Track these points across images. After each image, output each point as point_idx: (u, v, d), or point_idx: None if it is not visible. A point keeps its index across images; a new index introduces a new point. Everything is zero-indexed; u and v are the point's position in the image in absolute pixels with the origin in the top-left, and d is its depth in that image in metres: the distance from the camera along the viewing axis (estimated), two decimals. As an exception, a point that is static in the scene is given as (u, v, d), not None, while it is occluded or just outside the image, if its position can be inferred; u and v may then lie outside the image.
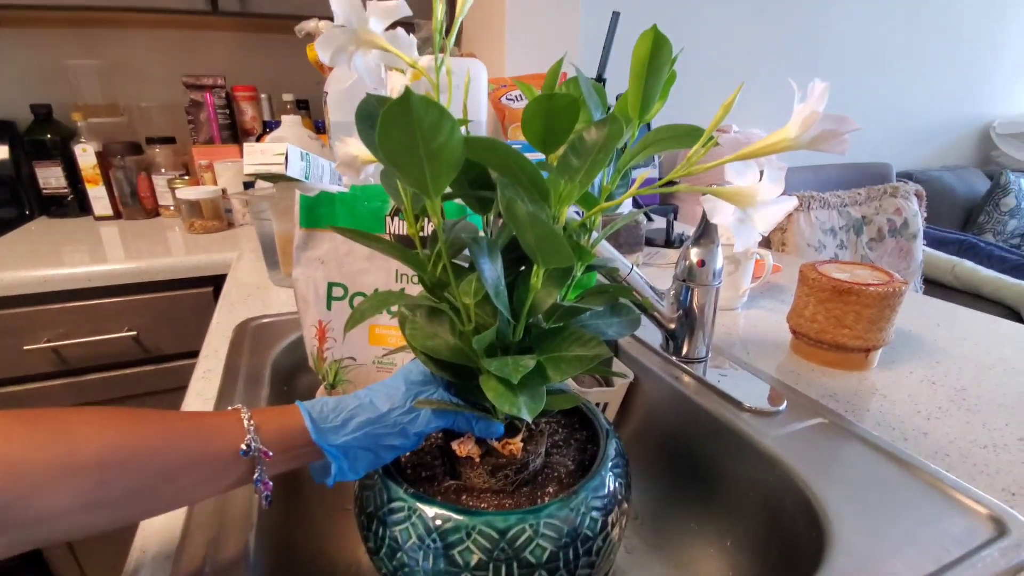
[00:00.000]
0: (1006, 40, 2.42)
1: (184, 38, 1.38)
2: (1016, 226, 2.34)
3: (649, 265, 0.94)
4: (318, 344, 0.51)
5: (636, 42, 0.25)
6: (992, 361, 0.58)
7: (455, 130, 0.21)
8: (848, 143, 0.22)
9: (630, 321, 0.32)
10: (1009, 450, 0.43)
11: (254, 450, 0.28)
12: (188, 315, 1.02)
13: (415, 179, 0.23)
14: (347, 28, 0.25)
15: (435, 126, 0.21)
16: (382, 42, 0.26)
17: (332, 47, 0.25)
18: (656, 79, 0.26)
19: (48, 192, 1.26)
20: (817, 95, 0.22)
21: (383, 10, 0.25)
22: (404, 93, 0.19)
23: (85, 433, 0.25)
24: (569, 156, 0.25)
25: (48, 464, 0.23)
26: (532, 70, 1.17)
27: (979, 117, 2.57)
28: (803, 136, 0.22)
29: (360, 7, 0.25)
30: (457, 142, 0.21)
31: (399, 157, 0.22)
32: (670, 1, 1.76)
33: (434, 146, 0.21)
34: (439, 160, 0.22)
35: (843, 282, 0.54)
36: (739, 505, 0.46)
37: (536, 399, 0.26)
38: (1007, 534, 0.34)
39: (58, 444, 0.23)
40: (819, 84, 0.22)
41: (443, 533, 0.29)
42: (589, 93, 0.28)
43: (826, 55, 2.08)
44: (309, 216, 0.50)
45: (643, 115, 0.27)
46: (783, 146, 0.23)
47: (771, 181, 0.24)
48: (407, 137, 0.21)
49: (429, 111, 0.20)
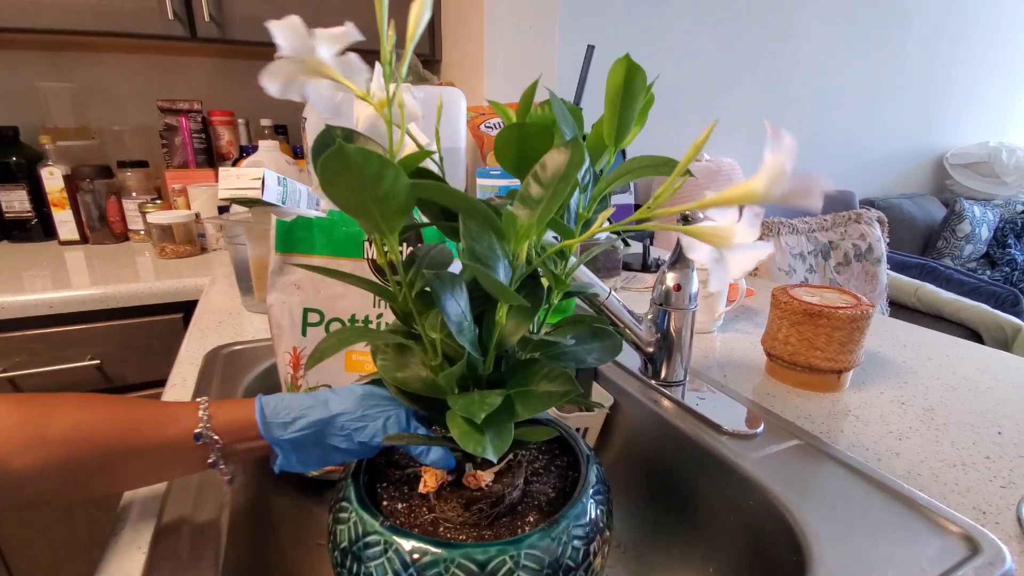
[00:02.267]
0: (956, 77, 2.58)
1: (161, 63, 1.37)
2: (972, 251, 2.46)
3: (626, 289, 0.95)
4: (292, 371, 0.50)
5: (609, 70, 0.26)
6: (956, 381, 0.60)
7: (399, 177, 0.20)
8: (820, 199, 0.20)
9: (612, 346, 0.32)
10: (977, 468, 0.44)
11: (205, 436, 0.32)
12: (156, 343, 0.98)
13: (368, 221, 0.22)
14: (294, 58, 0.23)
15: (377, 176, 0.20)
16: (331, 72, 0.24)
17: (280, 80, 0.24)
18: (630, 107, 0.26)
19: (11, 216, 1.22)
20: (785, 150, 0.21)
21: (331, 37, 0.24)
22: (336, 146, 0.18)
23: (59, 412, 0.30)
24: (531, 184, 0.24)
25: (23, 435, 0.28)
26: (510, 99, 1.20)
27: (934, 148, 2.72)
28: (772, 191, 0.21)
29: (305, 35, 0.23)
30: (403, 188, 0.21)
31: (347, 203, 0.21)
32: (642, 33, 1.83)
33: (380, 193, 0.20)
34: (387, 205, 0.21)
35: (813, 305, 0.55)
36: (721, 530, 0.45)
37: (503, 437, 0.25)
38: (980, 553, 0.35)
39: (33, 419, 0.29)
40: (787, 138, 0.21)
41: (421, 568, 0.28)
42: (563, 116, 0.28)
43: (791, 87, 2.19)
44: (285, 241, 0.49)
45: (619, 141, 0.28)
46: (750, 199, 0.22)
47: (748, 224, 0.23)
48: (351, 185, 0.20)
49: (369, 162, 0.19)
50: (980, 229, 2.42)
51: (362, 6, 1.23)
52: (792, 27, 2.08)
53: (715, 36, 1.95)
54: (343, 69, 0.25)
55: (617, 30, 1.79)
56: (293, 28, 0.23)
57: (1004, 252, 2.46)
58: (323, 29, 0.23)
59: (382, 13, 0.23)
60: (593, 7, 1.73)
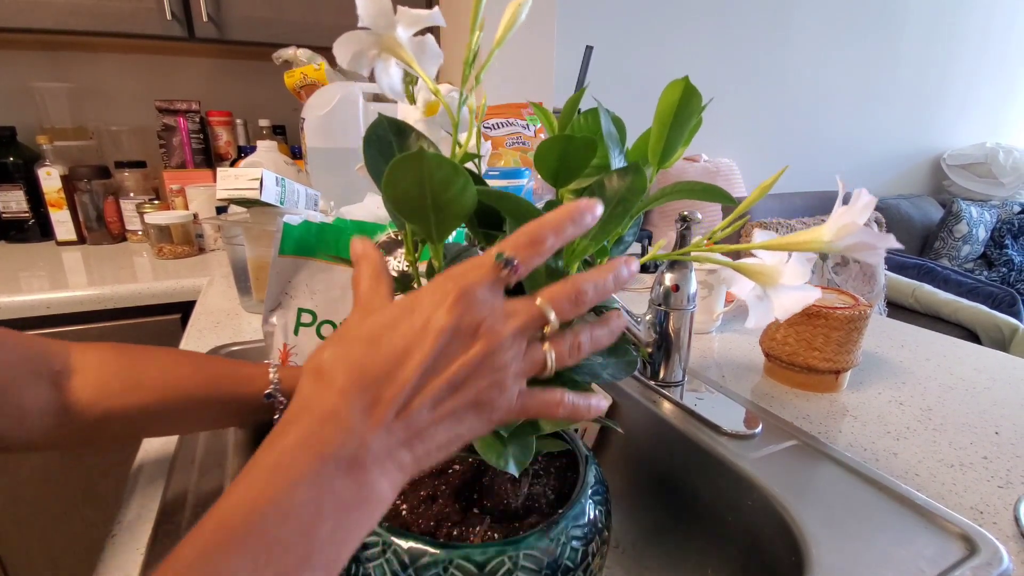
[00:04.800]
0: (952, 78, 2.59)
1: (158, 63, 1.37)
2: (969, 251, 2.46)
3: (625, 290, 0.95)
4: None
5: (664, 89, 0.24)
6: (953, 381, 0.60)
7: (467, 186, 0.20)
8: (883, 255, 0.21)
9: (627, 363, 0.31)
10: (975, 468, 0.44)
11: (273, 396, 0.38)
12: (153, 343, 0.97)
13: (420, 226, 0.21)
14: (371, 31, 0.22)
15: (446, 182, 0.19)
16: (405, 54, 0.23)
17: (352, 49, 0.23)
18: (681, 128, 0.25)
19: (8, 216, 1.21)
20: (860, 206, 0.21)
21: (413, 17, 0.23)
22: (417, 151, 0.18)
23: (153, 363, 0.36)
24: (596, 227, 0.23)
25: (122, 380, 0.35)
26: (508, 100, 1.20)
27: (931, 149, 2.73)
28: (838, 243, 0.21)
29: (389, 10, 0.22)
30: (469, 197, 0.20)
31: (405, 206, 0.20)
32: (640, 34, 1.84)
33: (443, 200, 0.20)
34: (446, 212, 0.20)
35: (811, 305, 0.55)
36: (719, 531, 0.45)
37: (525, 451, 0.25)
38: (977, 553, 0.35)
39: (132, 366, 0.35)
40: (865, 195, 0.21)
41: (419, 569, 0.27)
42: (609, 131, 0.27)
43: (788, 88, 2.19)
44: (291, 244, 0.49)
45: (663, 162, 0.26)
46: (815, 247, 0.22)
47: (798, 265, 0.23)
48: (415, 189, 0.19)
49: (441, 167, 0.19)
50: (977, 230, 2.43)
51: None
52: (789, 28, 2.08)
53: (713, 37, 1.95)
54: (417, 50, 0.24)
55: (616, 31, 1.80)
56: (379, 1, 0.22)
57: (1001, 252, 2.46)
58: (408, 8, 0.22)
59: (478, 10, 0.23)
60: (592, 7, 1.74)
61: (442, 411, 0.20)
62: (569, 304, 0.21)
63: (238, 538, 0.16)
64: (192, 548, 0.17)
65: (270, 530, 0.16)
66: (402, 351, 0.19)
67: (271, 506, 0.17)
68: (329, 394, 0.19)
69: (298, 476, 0.17)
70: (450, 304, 0.19)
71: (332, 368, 0.19)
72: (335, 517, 0.17)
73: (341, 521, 0.18)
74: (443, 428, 0.20)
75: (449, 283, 0.20)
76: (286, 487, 0.17)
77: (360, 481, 0.18)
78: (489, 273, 0.20)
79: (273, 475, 0.17)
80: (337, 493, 0.17)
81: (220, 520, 0.17)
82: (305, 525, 0.17)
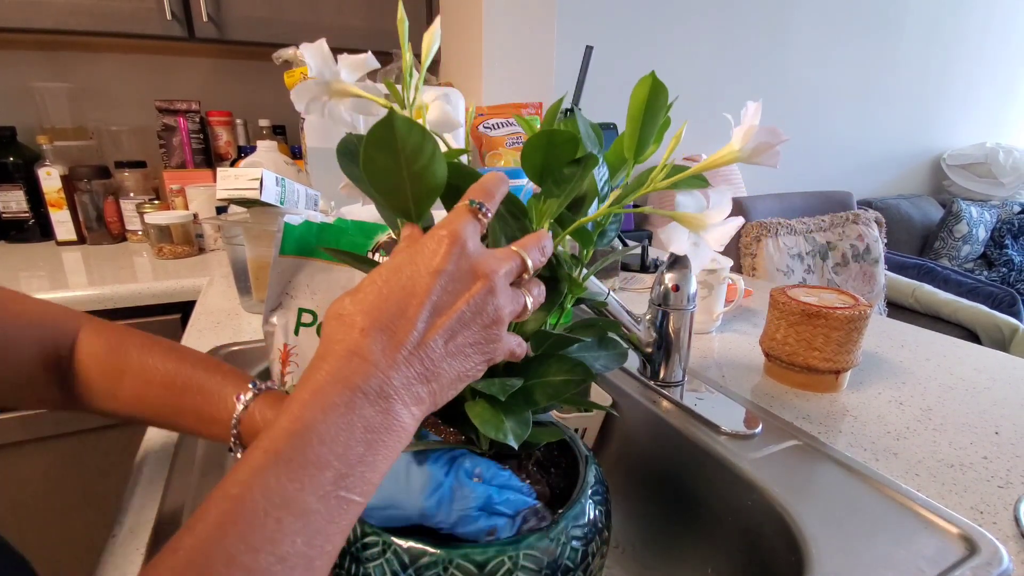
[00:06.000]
0: (952, 78, 2.59)
1: (158, 63, 1.37)
2: (969, 251, 2.46)
3: (625, 290, 0.95)
4: (281, 368, 0.50)
5: (634, 87, 0.26)
6: (953, 381, 0.60)
7: (437, 152, 0.22)
8: (779, 155, 0.24)
9: (618, 355, 0.32)
10: (975, 468, 0.44)
11: (235, 450, 0.35)
12: (153, 343, 0.98)
13: (398, 203, 0.23)
14: (320, 80, 0.26)
15: (418, 147, 0.21)
16: (354, 89, 0.27)
17: (306, 98, 0.27)
18: (652, 123, 0.27)
19: (8, 216, 1.21)
20: (751, 112, 0.24)
21: (353, 64, 0.27)
22: (388, 114, 0.20)
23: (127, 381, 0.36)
24: (552, 188, 0.26)
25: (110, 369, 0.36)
26: (508, 100, 1.20)
27: (931, 149, 2.73)
28: (745, 148, 0.25)
29: (332, 61, 0.26)
30: (440, 164, 0.22)
31: (383, 179, 0.22)
32: (639, 34, 1.84)
33: (416, 167, 0.21)
34: (422, 181, 0.22)
35: (811, 305, 0.55)
36: (719, 531, 0.45)
37: (522, 425, 0.26)
38: (977, 553, 0.35)
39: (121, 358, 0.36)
40: (752, 104, 0.25)
41: (419, 569, 0.27)
42: (587, 133, 0.29)
43: (787, 88, 2.19)
44: (292, 244, 0.49)
45: (638, 156, 0.28)
46: (730, 158, 0.25)
47: (717, 206, 0.26)
48: (391, 159, 0.21)
49: (412, 132, 0.21)
50: (977, 230, 2.43)
51: (359, 5, 1.23)
52: (788, 28, 2.08)
53: (712, 37, 1.95)
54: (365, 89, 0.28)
55: (615, 31, 1.80)
56: (321, 53, 0.26)
57: (1001, 252, 2.46)
58: (347, 56, 0.27)
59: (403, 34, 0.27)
60: (591, 8, 1.74)
61: (452, 347, 0.22)
62: (538, 252, 0.25)
63: (283, 459, 0.19)
64: (246, 468, 0.19)
65: (310, 451, 0.19)
66: (410, 292, 0.21)
67: (310, 430, 0.19)
68: (352, 333, 0.21)
69: (331, 405, 0.20)
70: (446, 248, 0.22)
71: (352, 312, 0.21)
72: (365, 442, 0.20)
73: (371, 446, 0.20)
74: (454, 364, 0.22)
75: (441, 231, 0.22)
76: (323, 414, 0.19)
77: (386, 410, 0.20)
78: (469, 216, 0.23)
79: (310, 405, 0.20)
80: (367, 420, 0.20)
81: (267, 446, 0.19)
82: (340, 447, 0.19)
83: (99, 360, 0.36)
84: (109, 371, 0.36)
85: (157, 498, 0.39)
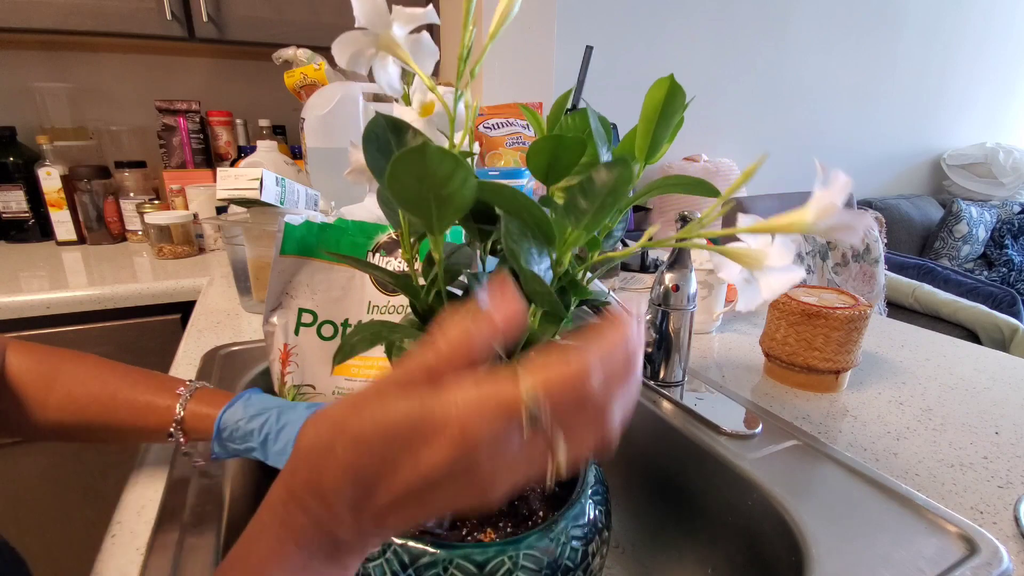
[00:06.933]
0: (951, 78, 2.59)
1: (158, 63, 1.37)
2: (969, 251, 2.46)
3: (625, 290, 0.95)
4: (281, 368, 0.50)
5: (650, 88, 0.25)
6: (954, 381, 0.60)
7: (468, 178, 0.20)
8: (861, 235, 0.21)
9: None
10: (975, 468, 0.44)
11: (175, 435, 0.38)
12: (153, 344, 0.98)
13: (422, 218, 0.22)
14: (368, 31, 0.23)
15: (448, 176, 0.20)
16: (402, 52, 0.24)
17: (350, 50, 0.24)
18: (666, 124, 0.26)
19: (8, 216, 1.21)
20: (838, 187, 0.21)
21: (408, 16, 0.24)
22: (420, 146, 0.18)
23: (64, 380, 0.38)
24: (578, 197, 0.23)
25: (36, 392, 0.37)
26: (508, 99, 1.20)
27: (931, 149, 2.73)
28: (819, 224, 0.22)
29: (384, 10, 0.23)
30: (469, 189, 0.21)
31: (407, 197, 0.21)
32: (639, 34, 1.84)
33: (445, 193, 0.20)
34: (448, 205, 0.21)
35: (812, 306, 0.55)
36: (719, 531, 0.45)
37: None
38: (977, 553, 0.35)
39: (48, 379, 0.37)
40: (841, 177, 0.21)
41: (419, 569, 0.27)
42: (597, 129, 0.28)
43: (787, 89, 2.19)
44: (292, 243, 0.49)
45: (650, 157, 0.27)
46: (797, 228, 0.22)
47: (782, 247, 0.23)
48: (418, 184, 0.20)
49: (444, 162, 0.19)
50: (977, 230, 2.43)
51: (360, 7, 1.23)
52: (788, 29, 2.08)
53: (712, 38, 1.95)
54: (413, 48, 0.24)
55: (615, 31, 1.80)
56: (373, 1, 0.23)
57: (1001, 253, 2.46)
58: (403, 7, 0.23)
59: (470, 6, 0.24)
60: (592, 8, 1.74)
61: (410, 515, 0.19)
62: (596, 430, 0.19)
63: None
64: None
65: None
66: (392, 467, 0.18)
67: None
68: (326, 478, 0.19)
69: (288, 555, 0.20)
70: (451, 453, 0.17)
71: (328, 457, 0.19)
72: None
73: None
74: (407, 523, 0.20)
75: (455, 429, 0.17)
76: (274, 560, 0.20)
77: (341, 564, 0.20)
78: (505, 425, 0.17)
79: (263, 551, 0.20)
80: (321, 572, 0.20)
81: None
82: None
83: (28, 369, 0.37)
84: (39, 378, 0.37)
85: (157, 499, 0.39)
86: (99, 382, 0.38)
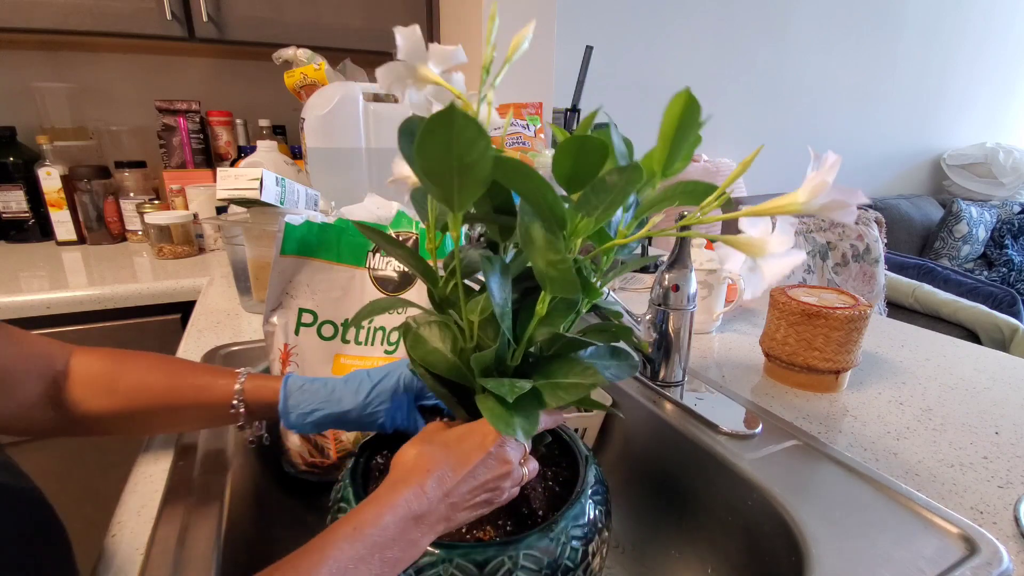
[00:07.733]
0: (951, 78, 2.59)
1: (158, 63, 1.37)
2: (969, 251, 2.46)
3: (625, 290, 0.95)
4: (281, 367, 0.50)
5: (668, 103, 0.26)
6: (954, 381, 0.60)
7: (488, 148, 0.22)
8: (856, 213, 0.22)
9: (629, 365, 0.32)
10: (975, 468, 0.44)
11: (235, 408, 0.39)
12: (153, 344, 0.98)
13: (444, 191, 0.24)
14: (407, 63, 0.27)
15: (472, 141, 0.22)
16: (436, 77, 0.28)
17: (391, 78, 0.28)
18: (683, 139, 0.27)
19: (8, 216, 1.21)
20: (828, 166, 0.23)
21: (443, 55, 0.28)
22: (449, 107, 0.20)
23: (133, 370, 0.39)
24: (590, 195, 0.26)
25: (100, 384, 0.38)
26: (509, 100, 1.20)
27: (931, 149, 2.73)
28: (812, 202, 0.23)
29: (423, 47, 0.27)
30: (488, 159, 0.22)
31: (433, 165, 0.22)
32: (639, 34, 1.84)
33: (468, 160, 0.22)
34: (470, 174, 0.23)
35: (812, 306, 0.55)
36: (719, 530, 0.45)
37: (531, 421, 0.27)
38: (977, 553, 0.35)
39: (111, 372, 0.39)
40: (831, 156, 0.23)
41: (419, 568, 0.28)
42: (619, 148, 0.29)
43: (787, 89, 2.19)
44: (292, 243, 0.49)
45: (666, 171, 0.28)
46: (792, 209, 0.24)
47: (782, 233, 0.24)
48: (444, 148, 0.21)
49: (468, 126, 0.21)
50: (977, 230, 2.43)
51: (359, 5, 1.23)
52: (788, 29, 2.08)
53: (712, 38, 1.95)
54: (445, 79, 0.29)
55: (615, 31, 1.80)
56: (414, 37, 0.27)
57: (1001, 253, 2.46)
58: (437, 45, 0.28)
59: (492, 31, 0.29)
60: (592, 8, 1.74)
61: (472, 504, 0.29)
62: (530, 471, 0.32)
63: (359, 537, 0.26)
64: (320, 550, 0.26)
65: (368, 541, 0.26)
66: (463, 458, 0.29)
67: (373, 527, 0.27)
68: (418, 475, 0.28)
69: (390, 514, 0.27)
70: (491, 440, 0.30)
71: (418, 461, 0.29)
72: (401, 546, 0.27)
73: (405, 550, 0.27)
74: (468, 514, 0.30)
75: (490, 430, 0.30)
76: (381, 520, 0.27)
77: (423, 531, 0.28)
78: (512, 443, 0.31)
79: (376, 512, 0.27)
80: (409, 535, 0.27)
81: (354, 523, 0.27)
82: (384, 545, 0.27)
83: (95, 366, 0.39)
84: (107, 372, 0.39)
85: (157, 498, 0.39)
86: (161, 371, 0.40)
